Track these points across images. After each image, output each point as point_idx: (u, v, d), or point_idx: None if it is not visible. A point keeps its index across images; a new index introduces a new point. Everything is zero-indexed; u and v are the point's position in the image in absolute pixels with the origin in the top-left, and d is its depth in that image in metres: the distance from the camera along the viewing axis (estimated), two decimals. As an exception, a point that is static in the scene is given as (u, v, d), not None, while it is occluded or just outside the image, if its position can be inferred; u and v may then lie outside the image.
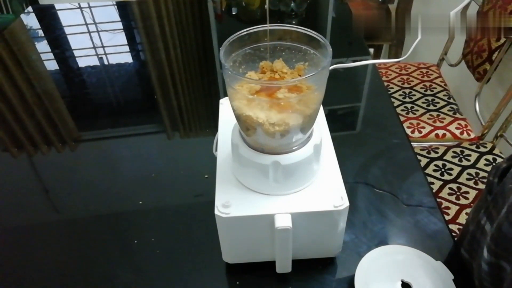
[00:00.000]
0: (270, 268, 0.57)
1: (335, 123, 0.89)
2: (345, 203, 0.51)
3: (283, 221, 0.49)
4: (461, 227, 0.95)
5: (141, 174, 0.77)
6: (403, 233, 0.64)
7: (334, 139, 0.60)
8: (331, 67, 0.50)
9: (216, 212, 0.50)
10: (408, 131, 1.26)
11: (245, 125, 0.48)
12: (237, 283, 0.58)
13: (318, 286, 0.57)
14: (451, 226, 0.96)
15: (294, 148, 0.51)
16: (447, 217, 0.98)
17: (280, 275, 0.57)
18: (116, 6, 1.44)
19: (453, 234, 0.63)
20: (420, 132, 1.26)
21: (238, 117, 0.49)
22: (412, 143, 0.82)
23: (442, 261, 0.55)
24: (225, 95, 0.54)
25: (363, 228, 0.65)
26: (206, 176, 0.74)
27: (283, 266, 0.55)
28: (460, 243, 0.60)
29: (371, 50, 2.13)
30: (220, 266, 0.60)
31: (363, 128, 0.88)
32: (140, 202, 0.71)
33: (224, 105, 0.66)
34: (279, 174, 0.50)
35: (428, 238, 0.63)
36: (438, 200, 1.02)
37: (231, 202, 0.51)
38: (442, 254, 0.61)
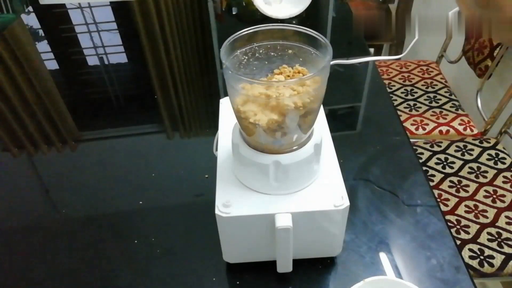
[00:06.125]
0: (270, 267, 0.57)
1: (335, 123, 0.89)
2: (346, 202, 0.51)
3: (284, 221, 0.49)
4: (459, 218, 0.95)
5: (141, 174, 0.77)
6: (403, 233, 0.64)
7: (334, 139, 0.60)
8: (331, 63, 0.50)
9: (216, 211, 0.50)
10: (412, 128, 1.27)
11: (246, 124, 0.48)
12: (237, 282, 0.58)
13: (318, 286, 0.57)
14: (449, 217, 0.96)
15: (294, 147, 0.51)
16: (445, 208, 0.98)
17: (281, 275, 0.57)
18: (116, 6, 1.44)
19: (450, 225, 0.63)
20: (424, 129, 1.27)
21: (238, 116, 0.49)
22: (416, 139, 0.82)
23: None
24: (225, 95, 0.54)
25: (363, 228, 0.65)
26: (206, 176, 0.74)
27: (284, 266, 0.55)
28: None
29: (371, 50, 2.13)
30: (221, 265, 0.60)
31: (363, 128, 0.88)
32: (140, 202, 0.71)
33: (224, 104, 0.66)
34: (280, 173, 0.50)
35: (428, 238, 0.63)
36: (438, 192, 1.03)
37: (232, 202, 0.51)
38: (442, 254, 0.61)
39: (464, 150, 1.14)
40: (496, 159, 1.11)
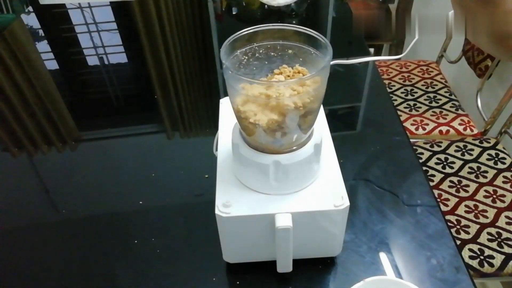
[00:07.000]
0: (270, 267, 0.57)
1: (335, 123, 0.89)
2: (346, 202, 0.51)
3: (284, 221, 0.49)
4: (459, 218, 0.95)
5: (141, 174, 0.77)
6: (403, 233, 0.64)
7: (334, 139, 0.60)
8: (331, 63, 0.50)
9: (216, 211, 0.50)
10: (412, 128, 1.27)
11: (246, 124, 0.48)
12: (238, 283, 0.58)
13: (318, 286, 0.57)
14: (449, 217, 0.96)
15: (294, 147, 0.51)
16: (445, 208, 0.98)
17: (281, 275, 0.57)
18: (116, 6, 1.44)
19: (450, 225, 0.63)
20: (424, 129, 1.27)
21: (238, 116, 0.49)
22: (416, 139, 0.82)
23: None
24: (225, 95, 0.54)
25: (363, 228, 0.65)
26: (206, 176, 0.74)
27: (284, 266, 0.55)
28: None
29: (371, 50, 2.13)
30: (221, 266, 0.60)
31: (363, 128, 0.88)
32: (140, 202, 0.71)
33: (224, 104, 0.66)
34: (280, 173, 0.50)
35: (428, 238, 0.63)
36: (438, 192, 1.03)
37: (232, 202, 0.51)
38: (442, 254, 0.61)
39: (464, 150, 1.14)
40: (496, 159, 1.11)
